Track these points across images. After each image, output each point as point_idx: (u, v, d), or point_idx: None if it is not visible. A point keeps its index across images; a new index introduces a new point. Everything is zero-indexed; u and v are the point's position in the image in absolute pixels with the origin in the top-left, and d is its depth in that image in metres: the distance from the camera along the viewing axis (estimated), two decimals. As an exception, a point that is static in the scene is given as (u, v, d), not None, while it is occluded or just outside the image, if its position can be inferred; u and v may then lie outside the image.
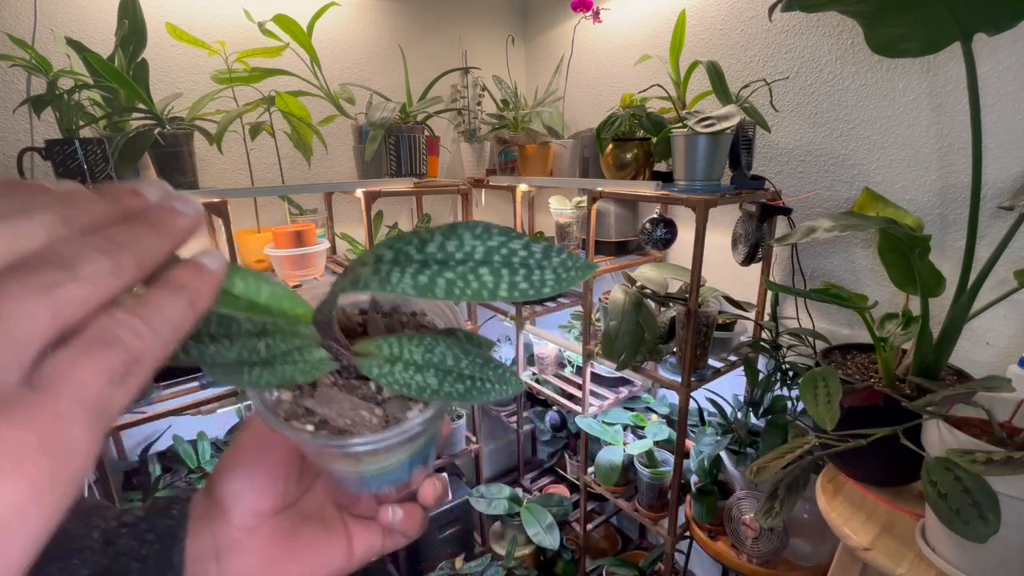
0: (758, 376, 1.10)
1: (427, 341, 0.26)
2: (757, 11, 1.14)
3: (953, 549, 0.62)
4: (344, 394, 0.27)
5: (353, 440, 0.25)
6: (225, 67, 1.11)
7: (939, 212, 0.94)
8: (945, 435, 0.61)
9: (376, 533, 0.34)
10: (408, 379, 0.25)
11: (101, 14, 1.14)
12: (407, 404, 0.27)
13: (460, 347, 0.26)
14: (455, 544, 1.69)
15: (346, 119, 1.29)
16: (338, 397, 0.27)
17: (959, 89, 0.88)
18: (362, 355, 0.26)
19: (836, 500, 0.80)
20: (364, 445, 0.25)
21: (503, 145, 1.57)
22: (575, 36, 1.55)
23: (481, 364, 0.25)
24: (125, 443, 1.33)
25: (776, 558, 1.04)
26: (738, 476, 1.12)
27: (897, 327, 0.87)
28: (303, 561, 0.31)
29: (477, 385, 0.25)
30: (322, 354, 0.26)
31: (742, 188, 1.02)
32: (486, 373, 0.25)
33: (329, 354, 0.26)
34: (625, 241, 1.43)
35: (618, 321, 1.04)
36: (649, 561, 1.44)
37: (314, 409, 0.26)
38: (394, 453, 0.28)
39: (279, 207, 1.43)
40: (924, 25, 0.66)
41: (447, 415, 1.62)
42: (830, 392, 0.70)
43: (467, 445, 1.67)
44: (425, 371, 0.25)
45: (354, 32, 1.48)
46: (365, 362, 0.25)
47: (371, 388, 0.27)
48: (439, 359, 0.25)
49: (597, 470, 1.35)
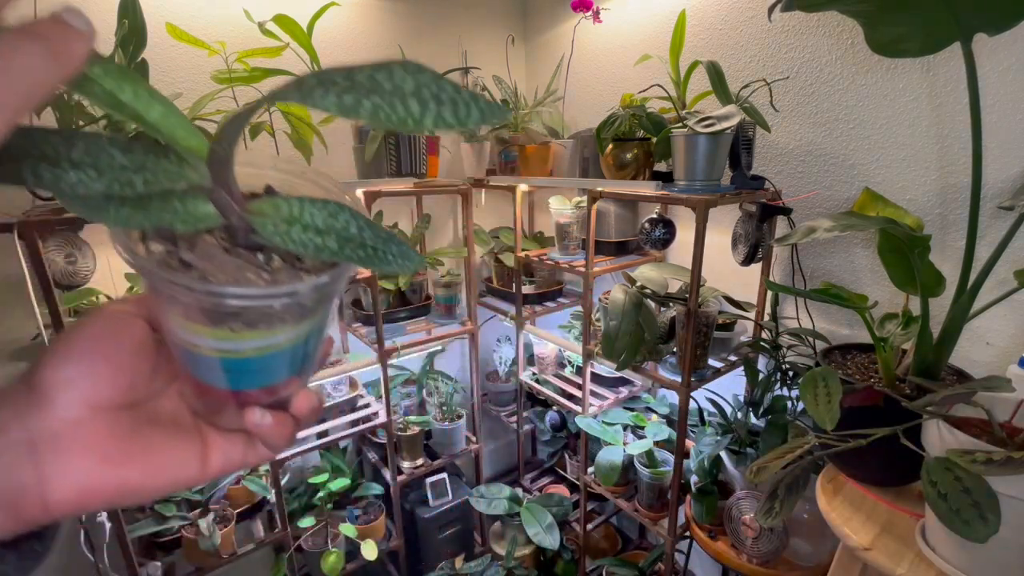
0: (758, 376, 1.10)
1: (331, 207, 0.24)
2: (757, 11, 1.14)
3: (953, 549, 0.62)
4: (229, 255, 0.24)
5: (237, 289, 0.22)
6: (225, 67, 1.11)
7: (939, 212, 0.94)
8: (945, 435, 0.61)
9: (237, 444, 0.31)
10: (306, 239, 0.23)
11: (101, 14, 1.14)
12: (299, 276, 0.25)
13: (365, 220, 0.25)
14: (455, 544, 1.69)
15: (346, 119, 1.29)
16: (221, 255, 0.24)
17: (959, 89, 0.88)
18: (257, 214, 0.24)
19: (836, 500, 0.80)
20: (247, 298, 0.23)
21: (503, 145, 1.57)
22: (575, 36, 1.55)
23: (385, 239, 0.25)
24: (125, 443, 1.33)
25: (776, 558, 1.04)
26: (738, 476, 1.12)
27: (897, 327, 0.87)
28: (145, 464, 0.27)
29: (379, 255, 0.24)
30: (209, 209, 0.23)
31: (742, 188, 1.02)
32: (389, 247, 0.25)
33: (217, 209, 0.23)
34: (625, 241, 1.43)
35: (618, 321, 1.04)
36: (649, 561, 1.44)
37: (192, 263, 0.23)
38: (275, 328, 0.25)
39: (279, 207, 1.43)
40: (924, 25, 0.66)
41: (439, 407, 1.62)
42: (830, 392, 0.70)
43: (467, 445, 1.67)
44: (326, 235, 0.24)
45: (354, 32, 1.48)
46: (260, 220, 0.23)
47: (259, 259, 0.25)
48: (342, 226, 0.24)
49: (597, 470, 1.35)
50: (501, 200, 1.91)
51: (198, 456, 0.29)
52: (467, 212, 1.47)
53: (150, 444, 0.27)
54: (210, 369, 0.26)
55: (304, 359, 0.29)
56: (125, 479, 0.26)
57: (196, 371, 0.27)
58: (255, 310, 0.24)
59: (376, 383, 1.58)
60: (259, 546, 1.30)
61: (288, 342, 0.26)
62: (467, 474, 1.94)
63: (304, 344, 0.27)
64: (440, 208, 1.77)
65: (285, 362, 0.27)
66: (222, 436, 0.30)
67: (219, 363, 0.26)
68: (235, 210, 0.23)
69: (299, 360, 0.28)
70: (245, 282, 0.24)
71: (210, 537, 1.16)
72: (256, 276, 0.24)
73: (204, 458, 0.29)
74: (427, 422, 1.58)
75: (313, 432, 1.35)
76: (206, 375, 0.27)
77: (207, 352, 0.25)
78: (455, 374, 1.92)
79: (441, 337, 1.54)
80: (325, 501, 1.44)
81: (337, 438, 1.38)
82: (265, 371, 0.27)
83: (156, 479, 0.27)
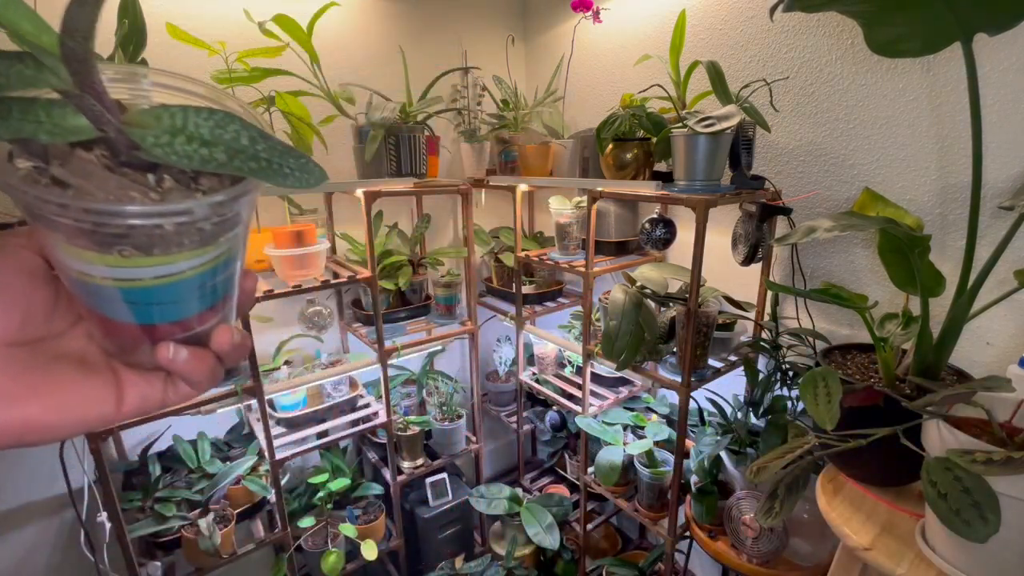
0: (758, 376, 1.10)
1: (219, 116, 0.23)
2: (757, 11, 1.14)
3: (953, 549, 0.62)
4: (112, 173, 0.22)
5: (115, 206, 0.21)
6: (225, 67, 1.11)
7: (939, 212, 0.94)
8: (945, 435, 0.61)
9: (155, 382, 0.30)
10: (191, 151, 0.21)
11: (101, 14, 1.14)
12: (192, 196, 0.24)
13: (259, 131, 0.23)
14: (455, 544, 1.69)
15: (346, 119, 1.29)
16: (100, 172, 0.22)
17: (959, 89, 0.88)
18: (136, 125, 0.22)
19: (836, 500, 0.80)
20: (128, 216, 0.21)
21: (503, 145, 1.57)
22: (575, 36, 1.55)
23: (282, 151, 0.23)
24: (125, 443, 1.33)
25: (776, 558, 1.04)
26: (738, 476, 1.12)
27: (897, 327, 0.87)
28: (48, 401, 0.26)
29: (274, 167, 0.23)
30: (80, 121, 0.21)
31: (742, 188, 1.02)
32: (286, 160, 0.23)
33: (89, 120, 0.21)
34: (625, 241, 1.43)
35: (618, 321, 1.04)
36: (649, 561, 1.44)
37: (66, 180, 0.21)
38: (173, 254, 0.23)
39: (279, 207, 1.43)
40: (924, 25, 0.65)
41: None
42: (830, 392, 0.70)
43: (467, 445, 1.67)
44: (213, 147, 0.22)
45: (354, 32, 1.48)
46: (139, 132, 0.21)
47: (149, 180, 0.23)
48: (231, 137, 0.22)
49: (597, 470, 1.35)
50: (501, 200, 1.91)
51: (111, 394, 0.28)
52: (467, 212, 1.47)
53: (54, 381, 0.26)
54: (111, 301, 0.25)
55: (217, 291, 0.27)
56: (27, 416, 0.25)
57: (98, 305, 0.25)
58: (143, 231, 0.22)
59: (376, 383, 1.58)
60: (259, 546, 1.30)
61: (193, 271, 0.24)
62: (467, 474, 1.94)
63: (212, 274, 0.26)
64: (440, 208, 1.77)
65: (194, 294, 0.26)
66: (138, 375, 0.29)
67: (119, 294, 0.24)
68: (110, 121, 0.21)
69: (211, 292, 0.27)
70: (129, 201, 0.22)
71: (210, 537, 1.16)
72: (142, 195, 0.22)
73: (118, 396, 0.28)
74: (427, 422, 1.58)
75: (313, 432, 1.35)
76: (109, 309, 0.25)
77: (102, 282, 0.24)
78: (455, 374, 1.92)
79: (441, 337, 1.54)
80: (325, 501, 1.44)
81: (337, 438, 1.38)
82: (172, 303, 0.26)
83: (63, 416, 0.27)
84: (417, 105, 1.32)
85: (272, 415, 1.33)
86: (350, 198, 1.55)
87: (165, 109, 0.22)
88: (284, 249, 1.20)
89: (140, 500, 1.19)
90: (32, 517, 1.27)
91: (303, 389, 1.39)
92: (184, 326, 0.27)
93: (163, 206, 0.22)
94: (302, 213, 1.37)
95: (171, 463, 1.30)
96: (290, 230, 1.20)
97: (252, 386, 1.18)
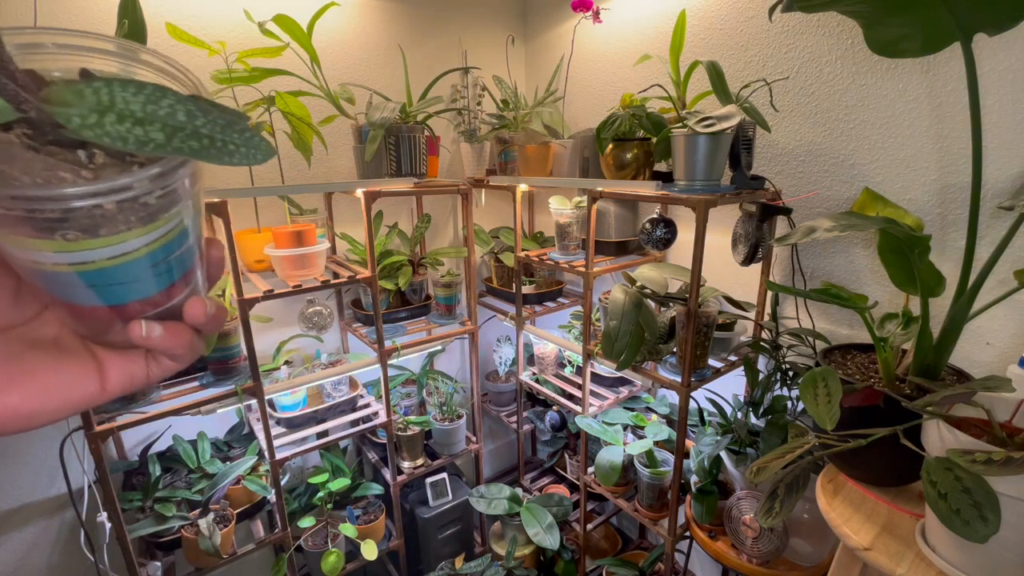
0: (758, 376, 1.10)
1: (148, 90, 0.21)
2: (757, 11, 1.14)
3: (953, 549, 0.62)
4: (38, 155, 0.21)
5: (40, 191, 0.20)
6: (225, 67, 1.11)
7: (939, 212, 0.94)
8: (945, 435, 0.61)
9: (136, 360, 0.30)
10: (124, 132, 0.20)
11: (101, 14, 1.14)
12: (128, 170, 0.22)
13: (197, 104, 0.22)
14: (455, 544, 1.69)
15: (346, 119, 1.29)
16: (24, 154, 0.21)
17: (959, 89, 0.88)
18: (57, 104, 0.20)
19: (836, 500, 0.80)
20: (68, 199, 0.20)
21: (503, 145, 1.57)
22: (575, 36, 1.55)
23: (224, 125, 0.22)
24: (125, 443, 1.33)
25: (776, 558, 1.04)
26: (738, 476, 1.12)
27: (897, 327, 0.87)
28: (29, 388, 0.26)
29: (217, 145, 0.22)
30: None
31: (742, 188, 1.02)
32: (229, 135, 0.22)
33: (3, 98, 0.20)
34: (625, 241, 1.42)
35: (618, 321, 1.04)
36: (649, 561, 1.44)
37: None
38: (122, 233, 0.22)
39: (279, 207, 1.43)
40: (924, 25, 0.66)
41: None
42: (830, 392, 0.70)
43: (467, 445, 1.67)
44: (148, 126, 0.20)
45: (354, 32, 1.48)
46: (62, 112, 0.20)
47: (80, 157, 0.22)
48: (166, 113, 0.21)
49: (597, 470, 1.35)
50: (501, 200, 1.91)
51: (93, 376, 0.28)
52: (467, 212, 1.47)
53: (30, 368, 0.27)
54: (72, 287, 0.24)
55: (179, 264, 0.26)
56: (7, 406, 0.26)
57: (60, 292, 0.25)
58: (83, 213, 0.21)
59: (376, 383, 1.59)
60: (259, 546, 1.30)
61: (147, 247, 0.24)
62: (467, 474, 1.94)
63: (169, 248, 0.25)
64: (440, 208, 1.77)
65: (154, 270, 0.25)
66: (119, 355, 0.29)
67: (77, 278, 0.23)
68: (28, 100, 0.20)
69: (173, 266, 0.26)
70: (58, 183, 0.21)
71: (210, 537, 1.16)
72: (74, 175, 0.21)
73: (101, 377, 0.29)
74: (427, 422, 1.58)
75: (313, 432, 1.35)
76: (71, 294, 0.24)
77: (55, 268, 0.23)
78: (455, 374, 1.92)
79: (441, 337, 1.54)
80: (325, 501, 1.44)
81: (337, 438, 1.38)
82: (134, 282, 0.25)
83: (45, 401, 0.27)
84: (417, 105, 1.32)
85: (272, 415, 1.33)
86: (350, 198, 1.55)
87: (88, 84, 0.21)
88: (284, 249, 1.20)
89: (140, 500, 1.19)
90: (32, 517, 1.27)
91: (303, 389, 1.39)
92: (153, 303, 0.27)
93: (97, 185, 0.21)
94: (302, 213, 1.37)
95: (171, 463, 1.30)
96: (290, 230, 1.20)
97: (252, 386, 1.18)
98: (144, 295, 0.26)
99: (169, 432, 1.35)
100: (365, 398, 1.49)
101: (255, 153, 0.22)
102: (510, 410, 1.88)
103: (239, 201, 1.35)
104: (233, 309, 1.13)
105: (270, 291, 1.16)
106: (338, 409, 1.42)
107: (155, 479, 1.23)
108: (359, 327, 1.50)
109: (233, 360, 1.19)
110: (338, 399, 1.42)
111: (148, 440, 1.34)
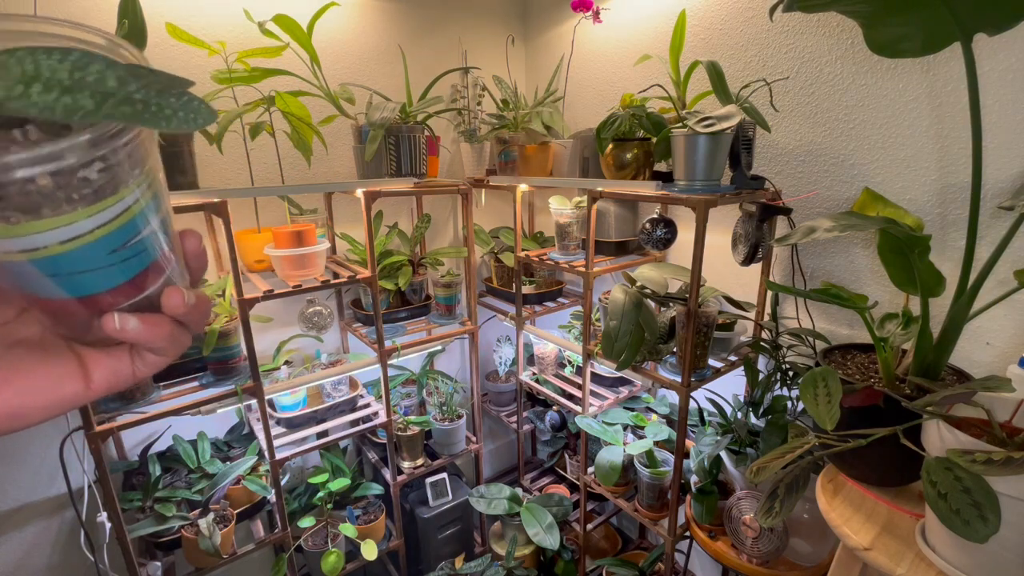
0: (758, 376, 1.10)
1: (75, 57, 0.20)
2: (757, 11, 1.14)
3: (953, 549, 0.62)
4: None
5: None
6: (225, 67, 1.11)
7: (939, 212, 0.94)
8: (945, 435, 0.61)
9: (121, 357, 0.29)
10: (52, 101, 0.19)
11: (101, 14, 1.14)
12: None
13: (128, 68, 0.21)
14: (455, 544, 1.69)
15: (346, 119, 1.29)
16: None
17: (959, 89, 0.88)
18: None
19: (836, 500, 0.80)
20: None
21: (503, 145, 1.57)
22: (575, 36, 1.55)
23: (159, 90, 0.21)
24: (125, 443, 1.33)
25: (776, 558, 1.04)
26: (738, 476, 1.12)
27: (897, 327, 0.87)
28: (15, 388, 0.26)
29: (152, 110, 0.21)
30: None
31: (742, 188, 1.02)
32: (165, 99, 0.21)
33: None
34: (625, 241, 1.43)
35: (618, 321, 1.04)
36: (649, 561, 1.44)
37: None
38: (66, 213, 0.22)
39: (279, 207, 1.43)
40: (924, 25, 0.66)
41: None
42: (830, 392, 0.70)
43: (467, 445, 1.67)
44: (76, 92, 0.20)
45: (354, 32, 1.48)
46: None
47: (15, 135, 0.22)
48: (95, 79, 0.20)
49: (597, 470, 1.35)
50: (501, 200, 1.91)
51: (77, 374, 0.28)
52: (467, 212, 1.47)
53: (14, 367, 0.27)
54: (32, 278, 0.23)
55: (146, 251, 0.26)
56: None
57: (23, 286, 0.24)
58: (15, 189, 0.20)
59: (376, 383, 1.59)
60: (259, 546, 1.30)
61: (101, 230, 0.23)
62: (467, 474, 1.94)
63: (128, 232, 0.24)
64: (440, 208, 1.77)
65: (116, 256, 0.24)
66: (102, 352, 0.29)
67: (33, 268, 0.23)
68: None
69: (135, 253, 0.25)
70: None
71: (210, 537, 1.16)
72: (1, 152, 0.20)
73: (85, 376, 0.28)
74: (427, 422, 1.58)
75: (313, 432, 1.35)
76: (35, 287, 0.24)
77: (9, 257, 0.22)
78: (455, 374, 1.92)
79: (441, 337, 1.54)
80: (325, 501, 1.44)
81: (337, 438, 1.38)
82: (97, 270, 0.24)
83: (34, 400, 0.27)
84: (417, 105, 1.32)
85: (272, 415, 1.33)
86: (350, 198, 1.55)
87: (11, 55, 0.20)
88: (284, 249, 1.20)
89: (140, 500, 1.19)
90: (32, 517, 1.27)
91: (303, 389, 1.39)
92: (124, 293, 0.26)
93: (17, 155, 0.20)
94: (302, 213, 1.37)
95: (171, 463, 1.30)
96: (290, 230, 1.20)
97: (252, 386, 1.18)
98: (110, 285, 0.25)
99: (169, 432, 1.35)
100: (365, 398, 1.49)
101: (194, 117, 0.21)
102: (510, 410, 1.88)
103: (239, 201, 1.35)
104: (233, 309, 1.13)
105: (270, 291, 1.16)
106: (338, 409, 1.42)
107: (155, 479, 1.23)
108: (359, 327, 1.50)
109: (233, 360, 1.19)
110: (338, 399, 1.42)
111: (148, 440, 1.34)
